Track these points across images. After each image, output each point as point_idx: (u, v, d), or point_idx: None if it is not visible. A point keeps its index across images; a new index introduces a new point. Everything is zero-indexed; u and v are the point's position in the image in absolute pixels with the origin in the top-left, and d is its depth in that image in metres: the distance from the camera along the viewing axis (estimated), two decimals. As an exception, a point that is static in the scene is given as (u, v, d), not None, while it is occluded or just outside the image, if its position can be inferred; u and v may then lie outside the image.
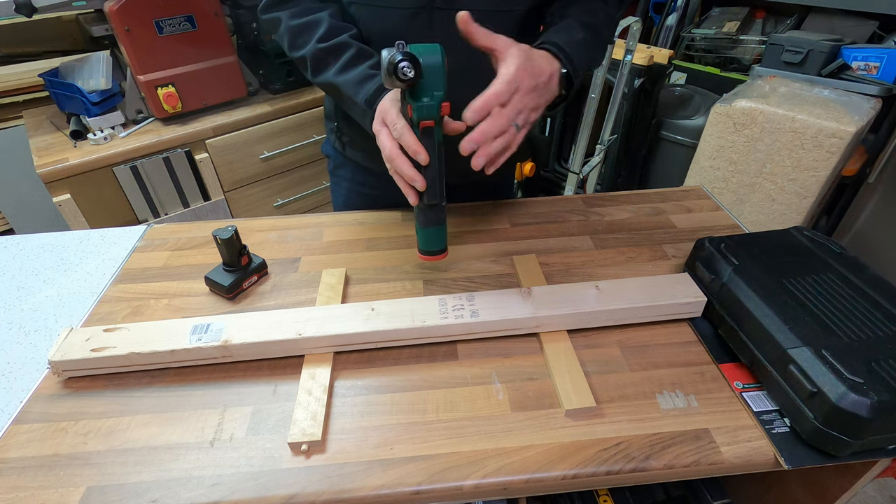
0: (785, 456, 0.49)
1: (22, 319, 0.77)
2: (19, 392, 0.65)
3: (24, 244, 0.92)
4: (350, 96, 0.66)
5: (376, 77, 0.65)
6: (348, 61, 0.67)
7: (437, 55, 0.54)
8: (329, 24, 0.69)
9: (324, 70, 0.69)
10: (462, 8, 0.67)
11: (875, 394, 0.45)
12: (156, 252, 0.79)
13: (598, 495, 0.81)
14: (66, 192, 1.35)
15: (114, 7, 1.32)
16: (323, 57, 0.69)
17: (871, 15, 1.64)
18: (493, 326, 0.61)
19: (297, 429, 0.51)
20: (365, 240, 0.81)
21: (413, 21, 0.69)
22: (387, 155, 0.58)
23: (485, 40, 0.58)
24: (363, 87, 0.65)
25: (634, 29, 1.54)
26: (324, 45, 0.68)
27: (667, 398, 0.55)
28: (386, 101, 0.60)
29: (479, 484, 0.48)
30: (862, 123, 1.35)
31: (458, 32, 0.66)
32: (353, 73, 0.66)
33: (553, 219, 0.85)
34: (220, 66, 1.53)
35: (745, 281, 0.60)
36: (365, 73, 0.66)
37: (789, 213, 1.53)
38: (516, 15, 0.71)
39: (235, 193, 1.67)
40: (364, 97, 0.64)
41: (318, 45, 0.68)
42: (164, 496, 0.47)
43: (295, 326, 0.60)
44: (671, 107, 1.90)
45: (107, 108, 1.46)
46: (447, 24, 0.68)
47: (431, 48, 0.54)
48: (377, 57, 0.67)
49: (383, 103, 0.60)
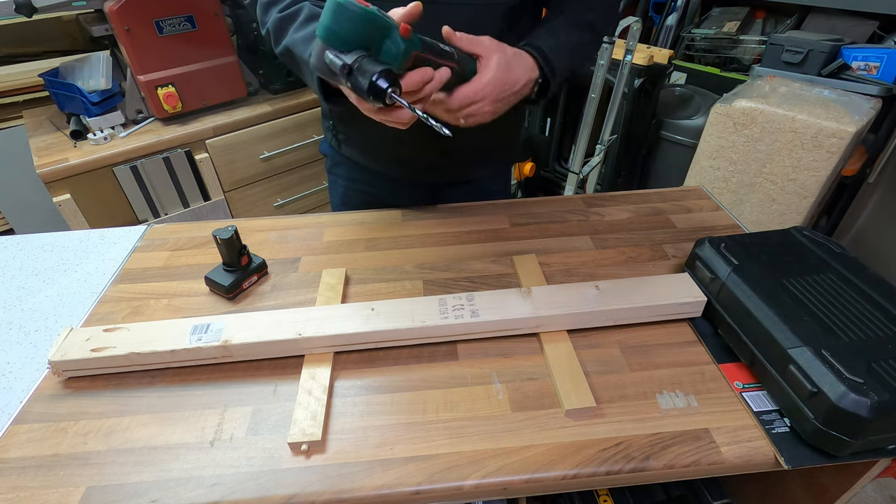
0: (785, 456, 0.49)
1: (22, 319, 0.77)
2: (19, 392, 0.65)
3: (24, 244, 0.92)
4: (300, 56, 0.64)
5: None
6: (302, 22, 0.66)
7: (360, 17, 0.48)
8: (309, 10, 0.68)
9: (282, 36, 0.68)
10: (452, 2, 0.67)
11: (875, 394, 0.45)
12: (156, 252, 0.79)
13: (598, 495, 0.81)
14: (66, 192, 1.36)
15: (114, 7, 1.32)
16: (281, 25, 0.68)
17: (871, 15, 1.64)
18: (493, 326, 0.61)
19: (297, 429, 0.51)
20: (365, 240, 0.81)
21: None
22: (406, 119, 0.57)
23: (469, 45, 0.59)
24: (310, 44, 0.62)
25: (634, 29, 1.54)
26: (284, 14, 0.67)
27: (667, 398, 0.55)
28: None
29: (479, 484, 0.48)
30: (862, 123, 1.35)
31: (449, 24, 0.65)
32: (305, 31, 0.64)
33: (553, 219, 0.85)
34: (220, 66, 1.53)
35: (745, 281, 0.60)
36: (313, 32, 0.63)
37: (789, 213, 1.53)
38: (506, 7, 0.71)
39: (235, 193, 1.67)
40: (309, 52, 0.60)
41: (279, 14, 0.68)
42: (164, 496, 0.47)
43: (295, 326, 0.60)
44: (671, 107, 1.90)
45: (107, 108, 1.46)
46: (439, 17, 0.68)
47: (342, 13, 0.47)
48: None
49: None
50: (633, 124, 1.84)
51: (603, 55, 1.46)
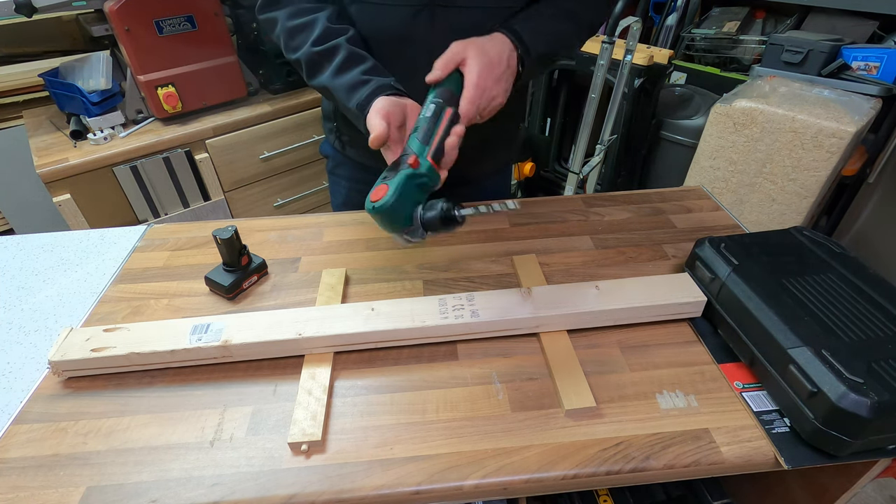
0: (785, 456, 0.49)
1: (22, 319, 0.77)
2: (19, 392, 0.65)
3: (24, 244, 0.92)
4: (342, 101, 0.67)
5: (369, 83, 0.65)
6: (340, 65, 0.67)
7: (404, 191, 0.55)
8: (324, 27, 0.69)
9: (318, 73, 0.69)
10: (464, 5, 0.68)
11: (875, 394, 0.45)
12: (156, 252, 0.79)
13: (598, 495, 0.81)
14: (66, 192, 1.36)
15: (114, 7, 1.32)
16: (317, 60, 0.69)
17: (871, 15, 1.64)
18: (493, 326, 0.61)
19: (297, 429, 0.51)
20: (365, 240, 0.81)
21: (414, 19, 0.69)
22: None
23: (447, 66, 0.62)
24: (355, 94, 0.65)
25: (634, 29, 1.54)
26: (318, 49, 0.68)
27: (667, 398, 0.55)
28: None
29: (479, 484, 0.48)
30: (862, 123, 1.35)
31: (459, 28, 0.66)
32: (346, 78, 0.66)
33: (553, 219, 0.85)
34: (220, 66, 1.53)
35: (745, 281, 0.60)
36: (357, 79, 0.66)
37: (789, 213, 1.53)
38: (513, 12, 0.71)
39: (235, 193, 1.67)
40: (356, 103, 0.64)
41: (313, 48, 0.68)
42: (164, 496, 0.47)
43: (295, 326, 0.60)
44: (671, 107, 1.90)
45: (107, 108, 1.46)
46: (449, 21, 0.69)
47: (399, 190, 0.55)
48: (371, 61, 0.68)
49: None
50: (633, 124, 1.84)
51: (603, 55, 1.45)
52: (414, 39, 0.70)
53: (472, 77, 0.60)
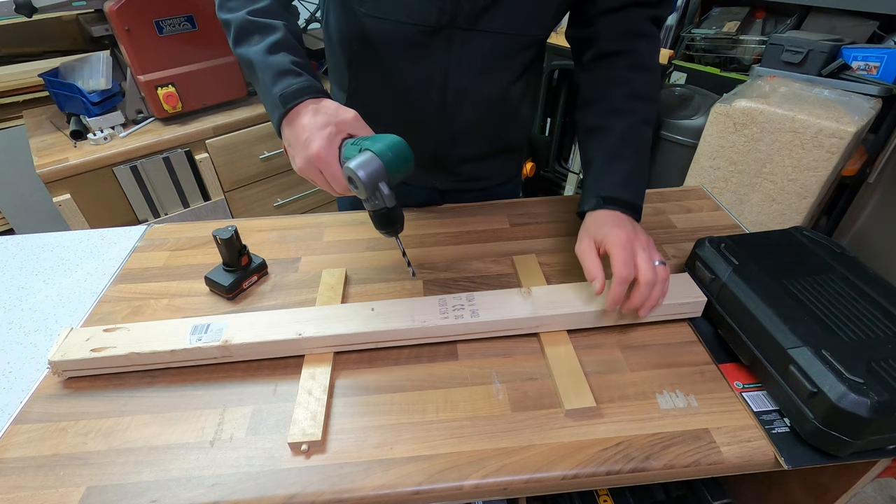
0: (785, 456, 0.49)
1: (22, 319, 0.77)
2: (19, 392, 0.65)
3: (24, 244, 0.92)
4: (265, 81, 0.62)
5: (300, 77, 0.61)
6: (275, 44, 0.62)
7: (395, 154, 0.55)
8: (271, 3, 0.65)
9: (246, 43, 0.64)
10: (484, 30, 0.67)
11: (875, 394, 0.45)
12: (156, 252, 0.79)
13: (598, 495, 0.81)
14: (66, 192, 1.36)
15: (114, 7, 1.32)
16: (250, 29, 0.64)
17: (871, 15, 1.64)
18: (493, 326, 0.61)
19: (297, 429, 0.51)
20: (365, 240, 0.81)
21: (431, 38, 0.67)
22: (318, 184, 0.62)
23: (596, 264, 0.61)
24: (282, 81, 0.60)
25: (634, 29, 1.54)
26: (255, 19, 0.63)
27: (667, 398, 0.55)
28: (324, 150, 0.56)
29: (479, 484, 0.48)
30: (862, 123, 1.35)
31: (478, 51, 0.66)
32: (277, 59, 0.61)
33: (553, 219, 0.85)
34: (220, 66, 1.54)
35: (745, 281, 0.60)
36: (287, 66, 0.61)
37: (789, 213, 1.53)
38: (534, 40, 0.72)
39: (235, 193, 1.67)
40: (280, 91, 0.60)
41: (249, 16, 0.64)
42: (164, 496, 0.47)
43: (295, 326, 0.60)
44: (671, 107, 1.90)
45: (107, 108, 1.46)
46: (468, 44, 0.68)
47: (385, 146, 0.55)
48: (306, 57, 0.64)
49: (321, 151, 0.56)
50: (633, 124, 1.84)
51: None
52: (431, 56, 0.69)
53: (618, 265, 0.58)
